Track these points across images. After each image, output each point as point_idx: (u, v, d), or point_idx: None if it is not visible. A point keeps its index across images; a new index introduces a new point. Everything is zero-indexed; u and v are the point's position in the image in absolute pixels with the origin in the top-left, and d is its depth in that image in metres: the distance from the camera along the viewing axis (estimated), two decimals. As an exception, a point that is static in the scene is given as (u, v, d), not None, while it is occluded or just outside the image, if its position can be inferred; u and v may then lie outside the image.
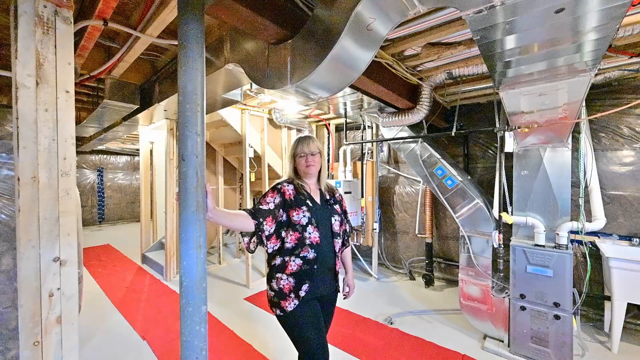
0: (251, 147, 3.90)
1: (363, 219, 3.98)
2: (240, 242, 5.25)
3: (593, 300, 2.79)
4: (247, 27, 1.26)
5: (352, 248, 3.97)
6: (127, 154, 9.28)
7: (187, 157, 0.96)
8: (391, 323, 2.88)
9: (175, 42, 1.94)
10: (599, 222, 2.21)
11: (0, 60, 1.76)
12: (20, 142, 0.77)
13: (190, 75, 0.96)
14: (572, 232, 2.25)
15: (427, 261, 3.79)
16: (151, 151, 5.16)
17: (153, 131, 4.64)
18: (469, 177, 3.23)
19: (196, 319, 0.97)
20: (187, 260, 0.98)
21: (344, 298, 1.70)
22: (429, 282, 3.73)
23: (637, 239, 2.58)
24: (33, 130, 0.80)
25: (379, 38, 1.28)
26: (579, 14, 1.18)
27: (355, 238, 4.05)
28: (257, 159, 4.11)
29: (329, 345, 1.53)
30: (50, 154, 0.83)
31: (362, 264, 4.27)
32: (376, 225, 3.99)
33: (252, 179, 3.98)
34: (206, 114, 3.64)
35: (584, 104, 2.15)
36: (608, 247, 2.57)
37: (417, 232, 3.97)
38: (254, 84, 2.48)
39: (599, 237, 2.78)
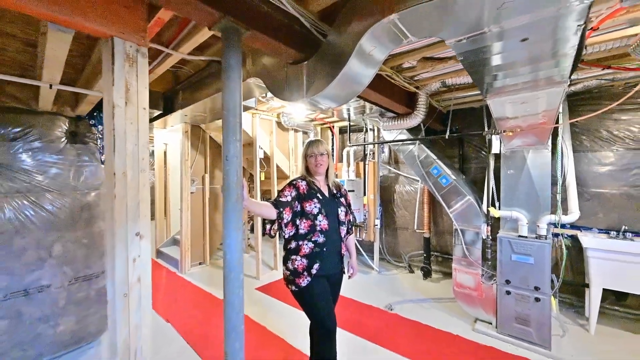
0: (261, 148, 4.19)
1: (365, 216, 4.25)
2: (248, 239, 5.55)
3: (575, 288, 3.05)
4: (272, 52, 1.54)
5: (355, 242, 4.26)
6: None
7: (230, 158, 1.25)
8: (391, 309, 3.15)
9: (204, 58, 2.23)
10: (573, 215, 2.48)
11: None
12: (116, 147, 1.06)
13: (232, 95, 1.25)
14: (552, 225, 2.52)
15: (425, 255, 4.06)
16: (165, 152, 5.46)
17: (168, 133, 4.94)
18: (463, 176, 3.50)
19: (236, 284, 1.25)
20: (230, 239, 1.26)
21: (349, 278, 1.98)
22: (426, 275, 4.00)
23: (614, 232, 2.84)
24: (123, 139, 1.08)
25: (379, 60, 1.56)
26: (542, 41, 1.45)
27: (358, 234, 4.32)
28: (266, 159, 4.40)
29: (338, 328, 1.81)
30: (133, 156, 1.11)
31: (364, 259, 4.53)
32: (377, 222, 4.26)
33: (262, 178, 4.27)
34: (217, 120, 3.96)
35: (561, 110, 2.42)
36: (587, 239, 2.82)
37: (415, 228, 4.24)
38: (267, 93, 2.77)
39: (581, 231, 3.04)
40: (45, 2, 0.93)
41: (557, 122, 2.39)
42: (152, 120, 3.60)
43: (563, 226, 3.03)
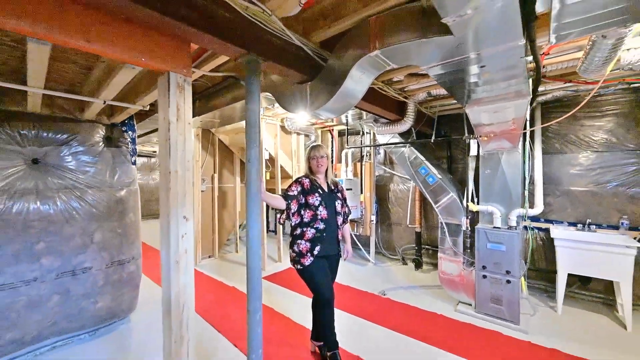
0: (266, 150, 4.57)
1: (362, 212, 4.63)
2: (253, 234, 5.93)
3: (548, 275, 3.42)
4: (282, 75, 1.92)
5: (350, 232, 4.65)
6: (144, 156, 9.98)
7: (251, 160, 1.63)
8: (384, 294, 3.52)
9: (221, 74, 2.61)
10: (538, 208, 2.87)
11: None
12: (171, 153, 1.44)
13: (253, 112, 1.63)
14: (523, 217, 2.90)
15: (416, 248, 4.44)
16: (175, 154, 5.84)
17: (179, 136, 5.33)
18: (450, 176, 3.88)
19: (257, 257, 1.62)
20: (252, 221, 1.63)
21: (344, 260, 2.36)
22: (418, 266, 4.37)
23: (581, 225, 3.22)
24: (175, 146, 1.45)
25: (369, 81, 1.94)
26: (497, 68, 1.83)
27: (355, 229, 4.70)
28: (271, 160, 4.77)
29: (338, 310, 2.18)
30: (182, 159, 1.48)
31: (362, 252, 4.91)
32: (373, 218, 4.64)
33: (267, 178, 4.65)
34: (225, 125, 4.34)
35: (527, 117, 2.79)
36: (557, 231, 3.20)
37: (408, 223, 4.62)
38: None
39: (553, 224, 3.41)
40: (127, 50, 1.31)
41: (525, 128, 2.78)
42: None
43: (537, 219, 3.42)
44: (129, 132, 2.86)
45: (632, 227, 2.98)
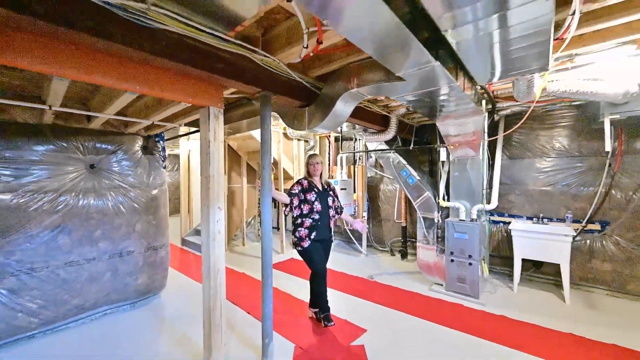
0: (270, 154, 5.18)
1: (355, 209, 5.25)
2: (258, 229, 6.55)
3: (510, 261, 4.03)
4: (287, 103, 2.55)
5: (347, 232, 5.28)
6: (154, 158, 10.62)
7: (265, 167, 2.25)
8: (372, 278, 4.15)
9: (236, 96, 3.23)
10: (493, 204, 3.49)
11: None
12: (210, 162, 2.06)
13: (266, 132, 2.25)
14: (482, 212, 3.52)
15: (402, 240, 5.06)
16: (188, 157, 6.47)
17: (191, 142, 5.96)
18: (431, 178, 4.50)
19: (268, 236, 2.25)
20: (265, 211, 2.26)
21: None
22: (403, 256, 4.99)
23: (536, 219, 3.84)
24: (213, 158, 2.08)
25: (353, 106, 2.57)
26: (449, 97, 2.44)
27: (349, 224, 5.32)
28: (274, 163, 5.40)
29: (332, 289, 2.78)
30: (217, 166, 2.11)
31: (355, 245, 5.53)
32: (365, 214, 5.26)
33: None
34: (236, 134, 4.95)
35: (485, 130, 3.41)
36: (517, 225, 3.82)
37: (395, 218, 5.24)
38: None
39: (515, 218, 4.03)
40: (182, 94, 1.93)
41: (484, 138, 3.40)
42: (187, 134, 4.60)
43: (501, 214, 4.04)
44: (160, 142, 3.49)
45: (575, 220, 3.60)
